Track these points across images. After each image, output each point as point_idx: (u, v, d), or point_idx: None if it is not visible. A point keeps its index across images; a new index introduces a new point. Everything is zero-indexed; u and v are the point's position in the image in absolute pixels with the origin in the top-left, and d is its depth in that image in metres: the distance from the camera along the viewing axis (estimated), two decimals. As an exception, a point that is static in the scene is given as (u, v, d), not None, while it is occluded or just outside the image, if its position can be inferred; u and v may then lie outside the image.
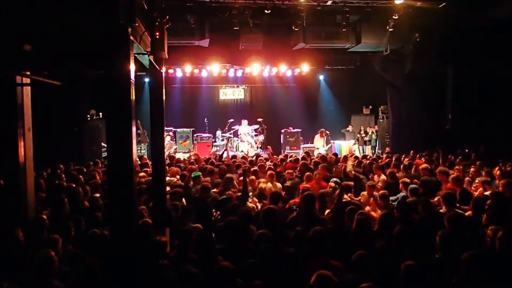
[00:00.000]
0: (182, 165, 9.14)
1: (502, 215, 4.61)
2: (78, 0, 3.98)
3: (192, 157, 10.90)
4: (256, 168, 8.22)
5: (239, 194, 6.20)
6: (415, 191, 6.30)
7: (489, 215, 4.64)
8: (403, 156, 10.39)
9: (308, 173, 7.53)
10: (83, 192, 6.02)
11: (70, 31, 4.43)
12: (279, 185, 7.48)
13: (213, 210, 5.98)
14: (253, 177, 7.28)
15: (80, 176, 7.60)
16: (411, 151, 11.04)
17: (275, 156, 10.91)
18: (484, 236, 4.13)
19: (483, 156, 9.89)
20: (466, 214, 5.19)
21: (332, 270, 3.26)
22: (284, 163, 9.34)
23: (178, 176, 7.65)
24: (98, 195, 6.32)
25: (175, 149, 15.04)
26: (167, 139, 14.63)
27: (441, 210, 5.29)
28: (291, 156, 10.43)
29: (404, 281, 3.23)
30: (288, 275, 3.39)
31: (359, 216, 4.59)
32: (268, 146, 12.19)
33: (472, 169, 7.76)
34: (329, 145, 15.21)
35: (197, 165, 8.86)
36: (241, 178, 7.25)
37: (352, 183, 7.04)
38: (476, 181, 6.77)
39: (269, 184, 7.27)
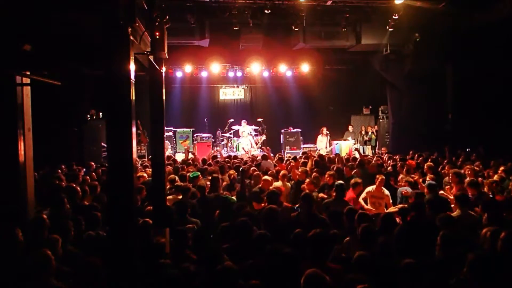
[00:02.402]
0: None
1: (498, 215, 4.61)
2: (78, 0, 3.97)
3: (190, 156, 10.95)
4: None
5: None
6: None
7: (489, 216, 4.64)
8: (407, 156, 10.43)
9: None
10: (82, 192, 6.01)
11: (70, 31, 4.43)
12: (288, 185, 7.46)
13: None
14: (268, 177, 7.09)
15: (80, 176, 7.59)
16: (410, 152, 11.06)
17: (271, 155, 10.95)
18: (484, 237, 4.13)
19: (482, 157, 9.90)
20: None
21: (331, 273, 3.26)
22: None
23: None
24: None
25: (173, 149, 15.00)
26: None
27: (453, 213, 5.24)
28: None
29: (402, 280, 3.23)
30: (286, 275, 3.39)
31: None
32: (267, 147, 12.21)
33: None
34: (332, 146, 15.11)
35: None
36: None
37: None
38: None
39: (278, 183, 7.26)
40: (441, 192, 6.59)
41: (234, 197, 6.45)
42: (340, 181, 6.45)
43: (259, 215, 5.04)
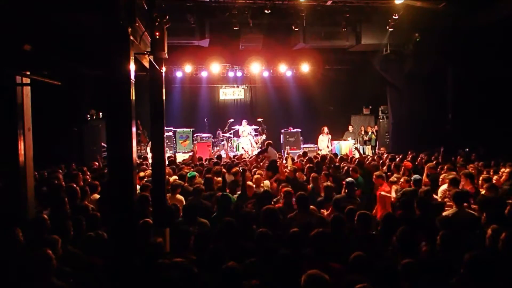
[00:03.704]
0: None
1: (497, 214, 4.60)
2: (78, 0, 3.97)
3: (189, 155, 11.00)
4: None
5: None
6: (418, 182, 6.40)
7: (487, 215, 4.64)
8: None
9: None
10: (83, 192, 6.01)
11: (70, 31, 4.43)
12: (275, 184, 7.47)
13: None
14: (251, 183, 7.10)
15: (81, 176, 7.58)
16: (409, 152, 11.04)
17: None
18: (484, 236, 4.13)
19: (482, 157, 9.90)
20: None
21: (332, 272, 3.25)
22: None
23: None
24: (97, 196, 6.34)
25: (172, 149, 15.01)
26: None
27: (450, 211, 5.26)
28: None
29: (402, 279, 3.23)
30: (284, 275, 3.38)
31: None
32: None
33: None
34: (333, 145, 15.09)
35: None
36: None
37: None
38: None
39: (267, 182, 7.28)
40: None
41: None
42: (350, 178, 6.53)
43: (260, 214, 5.03)
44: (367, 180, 7.47)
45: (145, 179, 7.36)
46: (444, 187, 6.52)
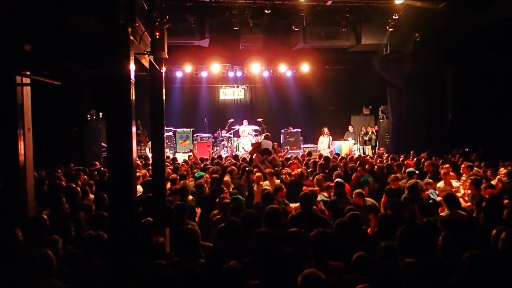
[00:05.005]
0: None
1: (496, 215, 4.61)
2: (78, 0, 3.97)
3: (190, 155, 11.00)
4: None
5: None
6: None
7: (485, 216, 4.65)
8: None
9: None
10: (82, 192, 6.01)
11: (70, 31, 4.42)
12: (277, 181, 7.47)
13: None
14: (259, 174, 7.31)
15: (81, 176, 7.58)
16: (411, 152, 11.05)
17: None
18: (483, 236, 4.13)
19: (482, 157, 9.90)
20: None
21: (333, 271, 3.25)
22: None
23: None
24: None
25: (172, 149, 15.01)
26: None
27: (443, 213, 5.29)
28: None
29: (401, 279, 3.22)
30: (284, 275, 3.38)
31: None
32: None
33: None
34: (334, 146, 15.08)
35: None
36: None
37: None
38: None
39: (266, 182, 7.29)
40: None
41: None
42: (338, 179, 6.51)
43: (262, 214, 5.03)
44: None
45: (141, 180, 7.35)
46: (441, 184, 6.61)
